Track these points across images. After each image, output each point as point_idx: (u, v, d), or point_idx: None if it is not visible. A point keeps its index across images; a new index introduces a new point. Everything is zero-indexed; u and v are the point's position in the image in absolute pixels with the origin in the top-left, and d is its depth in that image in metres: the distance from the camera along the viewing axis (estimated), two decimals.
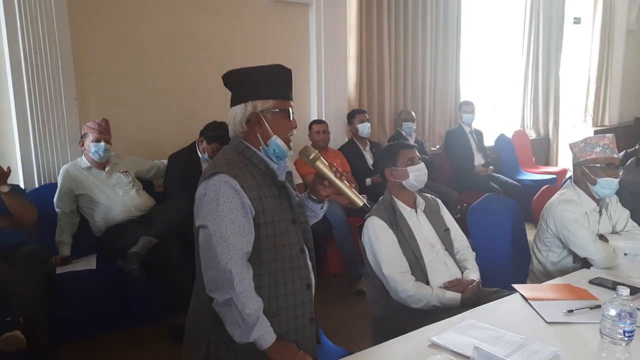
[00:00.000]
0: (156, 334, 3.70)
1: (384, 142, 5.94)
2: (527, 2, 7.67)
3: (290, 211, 1.98)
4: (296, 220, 1.99)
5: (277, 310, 1.89)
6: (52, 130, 3.96)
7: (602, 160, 2.83)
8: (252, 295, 1.79)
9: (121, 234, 3.76)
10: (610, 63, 9.06)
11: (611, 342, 1.68)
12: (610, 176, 2.81)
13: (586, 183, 2.89)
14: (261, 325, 1.79)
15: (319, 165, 1.98)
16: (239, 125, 1.93)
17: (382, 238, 2.66)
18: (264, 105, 1.91)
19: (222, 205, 1.79)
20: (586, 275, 2.60)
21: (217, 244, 1.77)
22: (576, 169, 2.94)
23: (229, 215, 1.78)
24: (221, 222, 1.78)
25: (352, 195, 1.98)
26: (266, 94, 1.92)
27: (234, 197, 1.80)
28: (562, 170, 7.38)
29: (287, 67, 1.97)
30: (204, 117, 4.28)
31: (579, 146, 2.91)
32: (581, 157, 2.90)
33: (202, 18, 4.73)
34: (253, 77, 1.94)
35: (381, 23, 5.92)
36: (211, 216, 1.79)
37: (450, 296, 2.60)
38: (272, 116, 1.93)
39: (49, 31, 3.86)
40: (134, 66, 4.43)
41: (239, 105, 1.93)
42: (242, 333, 1.77)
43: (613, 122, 9.28)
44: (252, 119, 1.92)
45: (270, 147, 1.93)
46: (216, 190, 1.80)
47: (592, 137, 2.91)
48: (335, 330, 2.64)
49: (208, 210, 1.80)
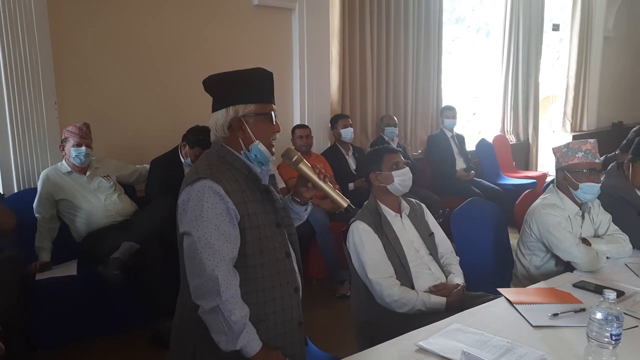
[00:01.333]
0: (138, 340, 3.67)
1: (366, 146, 5.96)
2: (507, 8, 7.75)
3: (274, 215, 1.96)
4: (280, 224, 1.97)
5: (265, 316, 1.87)
6: (31, 135, 3.91)
7: (584, 165, 2.85)
8: (238, 303, 1.76)
9: (102, 239, 3.71)
10: (588, 69, 9.19)
11: (598, 345, 1.69)
12: (592, 181, 2.84)
13: (568, 187, 2.92)
14: (247, 333, 1.76)
15: (301, 167, 1.97)
16: (221, 131, 1.91)
17: (367, 243, 2.66)
18: (245, 110, 1.88)
19: (206, 211, 1.76)
20: (569, 279, 2.62)
21: (202, 251, 1.74)
22: (558, 174, 2.96)
23: (214, 221, 1.76)
24: (206, 228, 1.75)
25: (336, 196, 1.97)
26: (247, 99, 1.89)
27: (218, 203, 1.77)
28: (542, 174, 7.45)
29: (268, 71, 1.94)
30: (186, 121, 4.25)
31: (562, 151, 2.93)
32: (563, 162, 2.91)
33: (185, 22, 4.70)
34: (234, 81, 1.92)
35: (363, 28, 5.94)
36: (195, 222, 1.76)
37: (435, 300, 2.60)
38: (254, 120, 1.90)
39: (29, 34, 3.81)
40: (116, 70, 4.38)
41: (221, 110, 1.90)
42: (228, 341, 1.74)
43: (591, 127, 9.42)
44: (234, 124, 1.89)
45: (252, 152, 1.91)
46: (200, 196, 1.77)
47: (575, 142, 2.93)
48: (319, 335, 2.62)
49: (192, 216, 1.77)
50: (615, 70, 9.82)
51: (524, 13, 7.87)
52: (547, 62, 8.93)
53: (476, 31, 8.40)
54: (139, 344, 3.64)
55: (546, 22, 8.44)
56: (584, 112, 9.35)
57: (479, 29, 8.40)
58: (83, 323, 3.63)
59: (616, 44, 9.67)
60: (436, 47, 6.86)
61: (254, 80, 1.92)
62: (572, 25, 8.86)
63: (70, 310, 3.57)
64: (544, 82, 8.55)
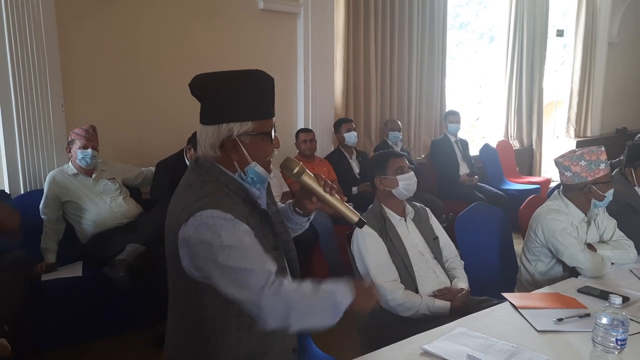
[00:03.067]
0: (142, 341, 3.68)
1: (370, 151, 5.97)
2: (511, 14, 7.75)
3: (273, 238, 1.76)
4: (278, 247, 1.79)
5: (265, 349, 1.73)
6: (38, 137, 3.93)
7: (608, 177, 2.84)
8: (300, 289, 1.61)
9: (108, 241, 3.73)
10: (593, 75, 9.18)
11: (604, 350, 1.69)
12: (611, 188, 2.84)
13: (589, 199, 2.86)
14: (335, 289, 1.65)
15: (305, 180, 1.76)
16: (211, 150, 1.65)
17: (371, 246, 2.67)
18: (241, 129, 1.62)
19: (226, 238, 1.54)
20: (574, 284, 2.62)
21: (247, 279, 1.54)
22: (582, 187, 2.86)
23: (238, 244, 1.56)
24: (234, 255, 1.54)
25: (346, 210, 1.79)
26: (244, 115, 1.62)
27: (235, 227, 1.57)
28: (546, 180, 7.45)
29: (268, 75, 1.68)
30: (191, 124, 4.23)
31: (581, 165, 2.83)
32: (589, 176, 2.82)
33: (191, 26, 4.72)
34: (228, 89, 1.63)
35: (368, 33, 5.96)
36: (223, 255, 1.54)
37: (440, 304, 2.61)
38: (250, 141, 1.64)
39: (36, 36, 3.83)
40: (122, 73, 4.40)
41: (211, 126, 1.63)
42: (337, 305, 1.63)
43: (595, 133, 9.41)
44: (226, 145, 1.64)
45: (249, 176, 1.68)
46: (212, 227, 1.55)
47: (587, 152, 2.84)
48: (322, 338, 2.63)
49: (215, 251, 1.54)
50: (620, 76, 9.82)
51: (528, 18, 7.88)
52: (551, 68, 8.93)
53: (480, 36, 8.42)
54: (143, 345, 3.65)
55: (550, 28, 8.45)
56: (588, 118, 9.33)
57: (482, 34, 8.43)
58: (88, 324, 3.66)
59: (621, 49, 9.67)
60: (440, 52, 6.87)
61: (254, 89, 1.64)
62: (577, 31, 8.86)
63: (75, 311, 3.58)
64: (548, 87, 8.55)
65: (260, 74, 1.67)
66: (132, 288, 3.58)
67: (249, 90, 1.63)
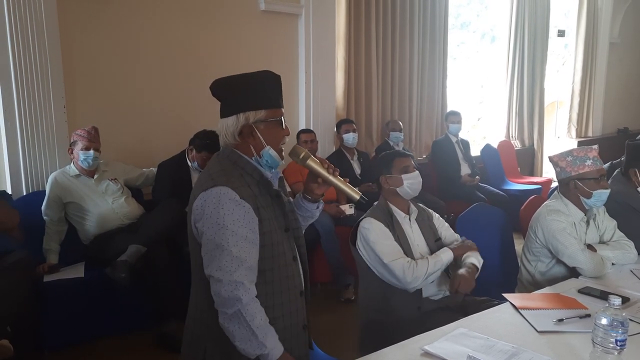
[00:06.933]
0: (144, 341, 3.70)
1: (371, 151, 5.98)
2: (512, 14, 7.75)
3: (283, 219, 1.96)
4: (289, 228, 1.98)
5: (273, 320, 1.85)
6: (40, 138, 3.94)
7: (594, 173, 2.85)
8: (258, 307, 1.77)
9: (110, 242, 3.74)
10: (594, 75, 9.18)
11: (603, 350, 1.70)
12: (602, 187, 2.84)
13: (578, 196, 2.89)
14: (273, 337, 1.78)
15: (310, 164, 1.97)
16: (231, 138, 1.90)
17: (380, 234, 2.67)
18: (256, 116, 1.87)
19: (222, 217, 1.75)
20: (574, 285, 2.63)
21: (220, 257, 1.74)
22: (568, 183, 2.92)
23: (231, 227, 1.75)
24: (223, 235, 1.75)
25: (348, 189, 2.01)
26: (258, 104, 1.88)
27: (235, 209, 1.77)
28: (547, 180, 7.44)
29: (275, 74, 1.94)
30: (193, 125, 4.28)
31: (567, 160, 2.90)
32: (572, 171, 2.88)
33: (193, 27, 4.74)
34: (243, 87, 1.90)
35: (369, 33, 5.96)
36: (213, 229, 1.76)
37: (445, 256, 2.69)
38: (264, 126, 1.90)
39: (38, 37, 3.84)
40: (124, 74, 4.42)
41: (231, 117, 1.89)
42: (254, 347, 1.74)
43: (596, 134, 9.41)
44: (244, 131, 1.88)
45: (264, 158, 1.91)
46: (216, 202, 1.77)
47: (577, 149, 2.92)
48: (324, 339, 2.64)
49: (209, 223, 1.77)
50: (621, 76, 9.81)
51: (529, 19, 7.88)
52: (553, 68, 8.93)
53: (481, 36, 8.42)
54: (144, 345, 3.67)
55: (552, 28, 8.44)
56: (590, 118, 9.33)
57: (484, 34, 8.42)
58: (90, 325, 3.67)
59: (622, 50, 9.67)
60: (441, 52, 6.88)
61: (264, 84, 1.91)
62: (578, 31, 8.86)
63: (78, 312, 3.59)
64: (549, 87, 8.55)
65: (268, 72, 1.94)
66: (133, 289, 3.60)
67: (260, 84, 1.91)
